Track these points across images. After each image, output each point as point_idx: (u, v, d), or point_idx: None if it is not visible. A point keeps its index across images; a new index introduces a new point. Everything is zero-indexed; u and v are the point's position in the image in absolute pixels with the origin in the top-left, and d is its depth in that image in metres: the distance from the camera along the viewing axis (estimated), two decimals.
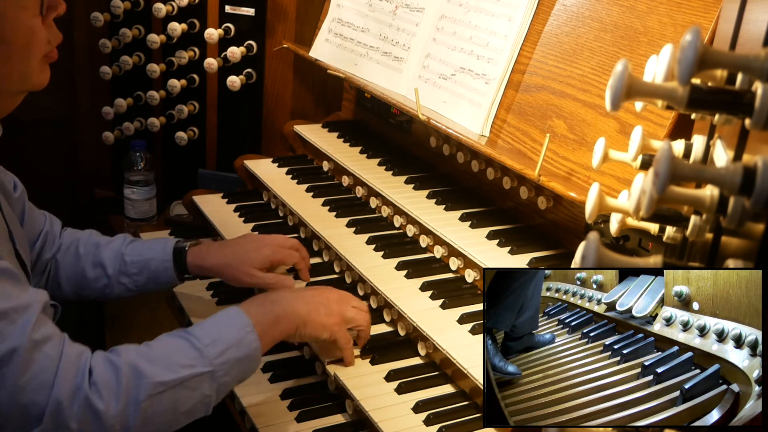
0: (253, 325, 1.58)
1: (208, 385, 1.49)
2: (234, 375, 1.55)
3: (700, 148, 1.07)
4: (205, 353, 1.50)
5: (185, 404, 1.47)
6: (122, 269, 1.96)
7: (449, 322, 1.80)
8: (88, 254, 1.97)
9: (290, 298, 1.71)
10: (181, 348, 1.50)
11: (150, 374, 1.43)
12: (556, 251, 1.92)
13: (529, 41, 2.02)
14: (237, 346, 1.54)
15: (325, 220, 2.25)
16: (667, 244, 1.11)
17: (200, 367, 1.48)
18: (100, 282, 1.97)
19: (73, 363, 1.39)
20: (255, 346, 1.57)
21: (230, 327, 1.56)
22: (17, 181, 1.86)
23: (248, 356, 1.56)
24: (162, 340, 1.54)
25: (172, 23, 2.76)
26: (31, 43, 1.49)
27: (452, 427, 1.60)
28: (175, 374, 1.45)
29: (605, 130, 1.75)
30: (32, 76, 1.53)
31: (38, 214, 1.96)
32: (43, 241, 1.95)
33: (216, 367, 1.50)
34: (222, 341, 1.53)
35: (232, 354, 1.53)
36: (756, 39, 0.82)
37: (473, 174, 2.21)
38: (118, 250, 1.97)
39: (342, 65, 2.56)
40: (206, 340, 1.51)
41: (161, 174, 2.97)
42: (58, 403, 1.34)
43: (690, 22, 1.65)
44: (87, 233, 2.03)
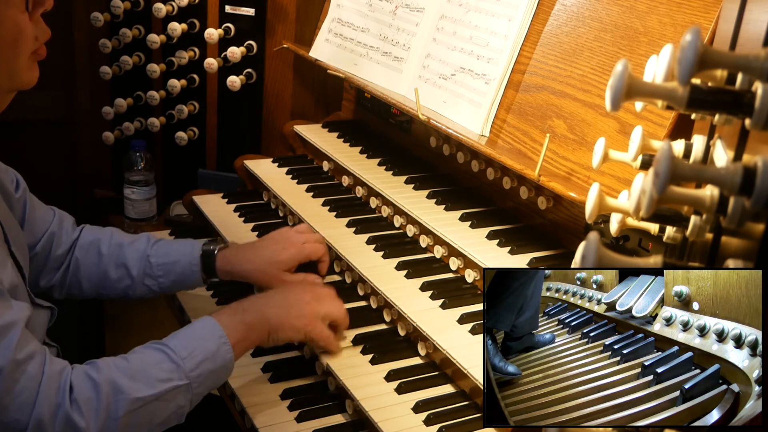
0: (227, 336, 1.61)
1: (183, 397, 1.54)
2: (207, 385, 1.60)
3: (700, 148, 1.07)
4: (182, 366, 1.54)
5: (161, 416, 1.52)
6: (147, 271, 1.95)
7: (449, 322, 1.80)
8: (111, 254, 1.95)
9: (261, 305, 1.73)
10: (159, 361, 1.53)
11: (129, 390, 1.46)
12: (556, 251, 1.92)
13: (529, 41, 2.02)
14: (212, 359, 1.58)
15: (325, 220, 2.25)
16: (667, 244, 1.11)
17: (177, 380, 1.52)
18: (123, 283, 1.96)
19: (54, 381, 1.41)
20: (229, 357, 1.62)
21: (205, 339, 1.60)
22: (19, 179, 1.85)
23: (222, 367, 1.61)
24: (140, 352, 1.57)
25: (172, 23, 2.76)
26: (18, 40, 1.46)
27: (452, 427, 1.60)
28: (153, 389, 1.49)
29: (605, 130, 1.75)
30: (20, 74, 1.50)
31: (45, 211, 1.94)
32: (49, 239, 1.93)
33: (192, 380, 1.55)
34: (198, 353, 1.57)
35: (207, 366, 1.57)
36: (756, 39, 0.82)
37: (473, 174, 2.21)
38: (143, 251, 1.96)
39: (342, 65, 2.56)
40: (183, 353, 1.55)
41: (161, 174, 2.97)
42: (40, 422, 1.38)
43: (690, 22, 1.65)
44: (108, 232, 2.01)
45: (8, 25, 1.44)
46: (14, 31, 1.45)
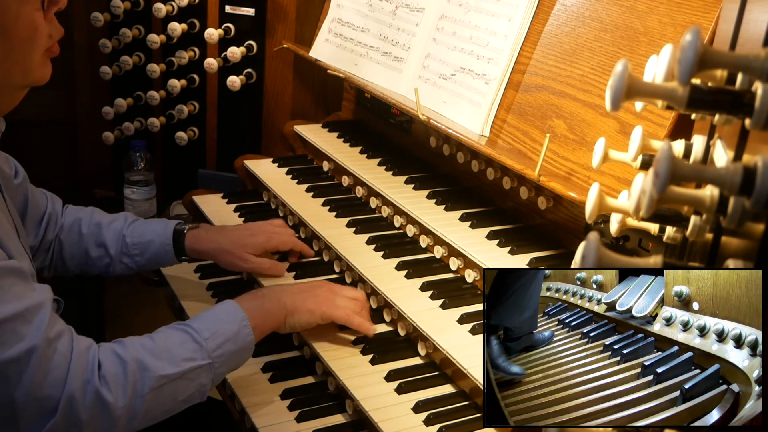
0: (248, 319, 1.67)
1: (206, 376, 1.59)
2: (229, 366, 1.66)
3: (700, 148, 1.07)
4: (204, 346, 1.59)
5: (184, 393, 1.57)
6: (124, 250, 2.03)
7: (449, 322, 1.80)
8: (91, 234, 2.02)
9: (278, 291, 1.81)
10: (183, 341, 1.59)
11: (154, 368, 1.51)
12: (556, 251, 1.92)
13: (529, 41, 2.02)
14: (233, 340, 1.64)
15: (325, 220, 2.25)
16: (667, 244, 1.11)
17: (200, 359, 1.58)
18: (103, 261, 2.04)
19: (83, 358, 1.46)
20: (249, 339, 1.67)
21: (227, 321, 1.65)
22: (18, 166, 1.89)
23: (243, 348, 1.67)
24: (164, 332, 1.62)
25: (172, 23, 2.76)
26: (33, 38, 1.49)
27: (452, 427, 1.60)
28: (177, 367, 1.54)
29: (605, 130, 1.75)
30: (34, 71, 1.53)
31: (39, 194, 2.00)
32: (47, 222, 1.99)
33: (214, 359, 1.60)
34: (220, 334, 1.62)
35: (229, 347, 1.63)
36: (756, 39, 0.82)
37: (473, 174, 2.21)
38: (119, 230, 2.03)
39: (342, 65, 2.56)
40: (205, 334, 1.61)
41: (161, 174, 2.97)
42: (71, 397, 1.42)
43: (690, 22, 1.65)
44: (89, 211, 2.07)
45: (24, 23, 1.47)
46: (29, 29, 1.48)
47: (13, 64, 1.48)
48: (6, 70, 1.48)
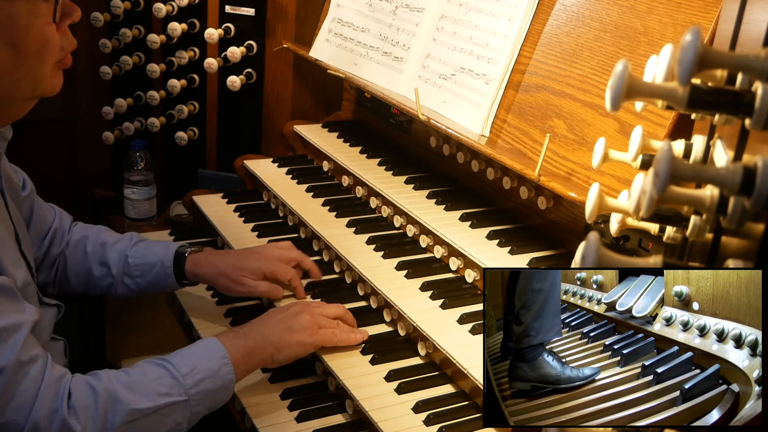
0: (229, 357, 1.63)
1: (181, 413, 1.56)
2: (206, 405, 1.61)
3: (700, 148, 1.07)
4: (181, 382, 1.56)
5: (158, 430, 1.53)
6: (126, 271, 1.98)
7: (449, 322, 1.80)
8: (95, 253, 1.99)
9: (261, 328, 1.74)
10: (159, 376, 1.56)
11: (127, 401, 1.48)
12: (556, 251, 1.92)
13: (529, 41, 2.02)
14: (213, 378, 1.60)
15: (325, 220, 2.25)
16: (667, 244, 1.11)
17: (176, 395, 1.54)
18: (106, 281, 2.00)
19: (53, 386, 1.43)
20: (229, 378, 1.63)
21: (207, 358, 1.62)
22: (26, 179, 1.87)
23: (222, 387, 1.62)
24: (141, 366, 1.59)
25: (172, 23, 2.76)
26: (44, 50, 1.47)
27: (452, 427, 1.60)
28: (151, 402, 1.51)
29: (605, 130, 1.75)
30: (44, 82, 1.51)
31: (47, 209, 1.98)
32: (51, 237, 1.97)
33: (191, 397, 1.56)
34: (199, 371, 1.59)
35: (207, 385, 1.59)
36: (756, 39, 0.82)
37: (473, 174, 2.21)
38: (123, 250, 1.99)
39: (342, 65, 2.56)
40: (184, 370, 1.57)
41: (161, 174, 2.97)
42: (36, 425, 1.39)
43: (690, 22, 1.65)
44: (96, 230, 2.04)
45: (35, 35, 1.45)
46: (41, 42, 1.46)
47: (23, 76, 1.47)
48: (16, 81, 1.46)
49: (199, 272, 1.98)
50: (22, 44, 1.44)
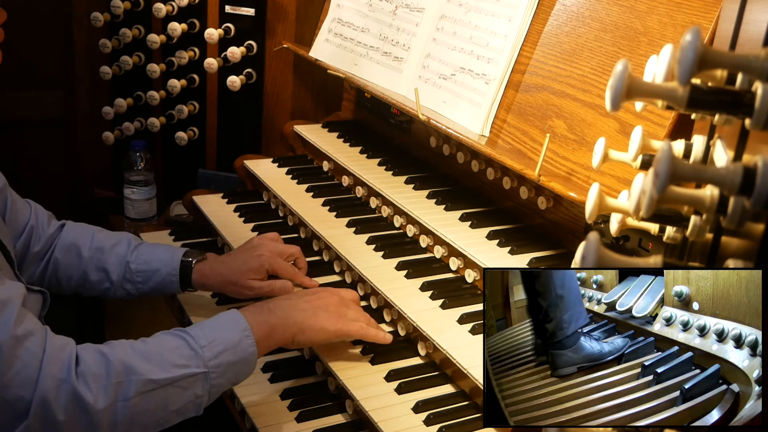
0: (251, 330, 1.58)
1: (201, 386, 1.50)
2: (227, 378, 1.56)
3: (700, 148, 1.07)
4: (200, 354, 1.51)
5: (176, 403, 1.47)
6: (127, 276, 1.95)
7: (449, 322, 1.80)
8: (92, 258, 1.95)
9: (287, 307, 1.70)
10: (177, 347, 1.50)
11: (142, 371, 1.43)
12: (556, 251, 1.92)
13: (529, 41, 2.02)
14: (233, 350, 1.55)
15: (325, 220, 2.25)
16: (667, 244, 1.11)
17: (194, 367, 1.49)
18: (103, 285, 1.96)
19: (56, 357, 1.37)
20: (251, 351, 1.58)
21: (228, 330, 1.57)
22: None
23: (243, 360, 1.57)
24: (159, 337, 1.54)
25: (172, 23, 2.76)
26: None
27: (452, 427, 1.60)
28: (167, 373, 1.46)
29: (605, 130, 1.75)
30: None
31: (22, 205, 1.93)
32: (29, 233, 1.92)
33: (210, 369, 1.51)
34: (218, 343, 1.53)
35: (227, 357, 1.53)
36: (756, 39, 0.82)
37: (473, 174, 2.21)
38: (123, 256, 1.95)
39: (342, 65, 2.56)
40: (203, 341, 1.52)
41: (161, 174, 2.97)
42: (44, 399, 1.34)
43: (690, 22, 1.65)
44: (90, 233, 2.00)
45: None
46: None
47: None
48: None
49: (207, 282, 1.96)
50: None
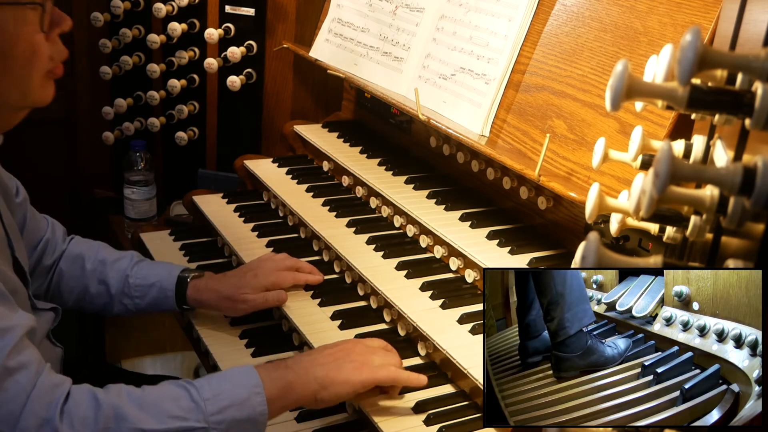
0: (262, 387, 1.47)
1: None
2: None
3: (700, 148, 1.07)
4: (201, 407, 1.41)
5: None
6: (125, 290, 1.95)
7: (449, 322, 1.80)
8: (94, 270, 1.95)
9: (306, 362, 1.58)
10: (177, 397, 1.42)
11: (133, 419, 1.35)
12: (556, 251, 1.92)
13: (529, 41, 2.02)
14: (240, 406, 1.44)
15: (325, 220, 2.25)
16: (667, 244, 1.11)
17: (193, 421, 1.39)
18: (102, 299, 1.96)
19: (45, 395, 1.32)
20: (261, 410, 1.46)
21: (237, 385, 1.47)
22: (20, 186, 1.85)
23: (251, 419, 1.45)
24: (161, 386, 1.47)
25: (172, 23, 2.76)
26: (32, 60, 1.44)
27: (452, 427, 1.60)
28: (162, 424, 1.37)
29: (605, 130, 1.75)
30: (33, 93, 1.48)
31: (40, 218, 1.95)
32: (43, 247, 1.93)
33: (211, 425, 1.40)
34: (224, 397, 1.44)
35: (232, 413, 1.43)
36: (756, 39, 0.82)
37: (473, 174, 2.21)
38: (124, 270, 1.95)
39: (342, 65, 2.56)
40: (207, 394, 1.43)
41: (161, 174, 2.97)
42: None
43: (690, 22, 1.65)
44: (95, 247, 2.00)
45: (23, 45, 1.42)
46: (29, 51, 1.43)
47: (10, 86, 1.44)
48: (3, 91, 1.43)
49: (201, 298, 1.94)
50: (8, 53, 1.40)
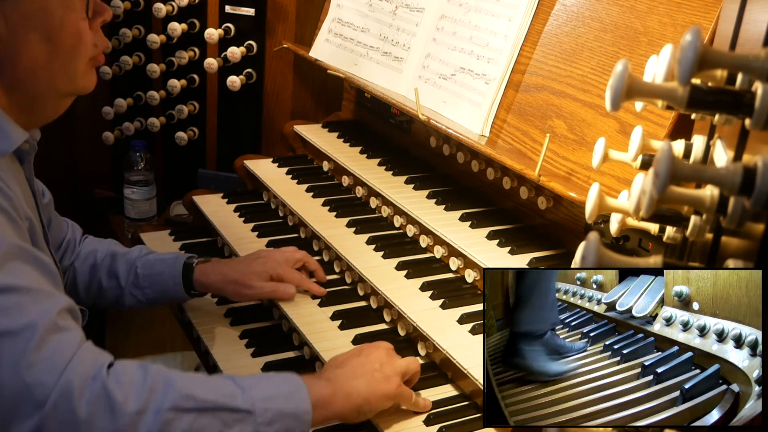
0: (307, 389, 1.44)
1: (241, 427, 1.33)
2: (276, 429, 1.36)
3: (700, 148, 1.07)
4: (247, 393, 1.36)
5: None
6: (134, 281, 1.97)
7: (449, 322, 1.80)
8: (104, 265, 1.98)
9: (346, 375, 1.53)
10: (223, 381, 1.39)
11: (182, 386, 1.31)
12: (556, 251, 1.92)
13: (529, 41, 2.02)
14: (286, 398, 1.40)
15: (325, 220, 2.25)
16: (667, 244, 1.12)
17: (240, 401, 1.34)
18: (114, 292, 1.98)
19: (91, 355, 1.28)
20: (305, 407, 1.41)
21: (280, 382, 1.44)
22: (45, 189, 1.88)
23: (296, 414, 1.39)
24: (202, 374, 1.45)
25: (172, 23, 2.76)
26: (78, 46, 1.49)
27: (452, 427, 1.60)
28: (210, 395, 1.32)
29: (605, 130, 1.75)
30: (78, 79, 1.53)
31: (61, 221, 1.99)
32: (65, 248, 1.97)
33: (257, 410, 1.35)
34: (270, 388, 1.40)
35: (278, 404, 1.38)
36: (756, 39, 0.82)
37: (473, 174, 2.21)
38: (132, 261, 1.98)
39: (342, 65, 2.56)
40: (250, 383, 1.39)
41: (161, 174, 2.97)
42: (67, 388, 1.22)
43: (690, 22, 1.65)
44: (106, 243, 2.04)
45: (69, 30, 1.47)
46: (75, 37, 1.48)
47: (59, 71, 1.48)
48: (51, 75, 1.48)
49: (207, 281, 1.97)
50: (57, 38, 1.45)
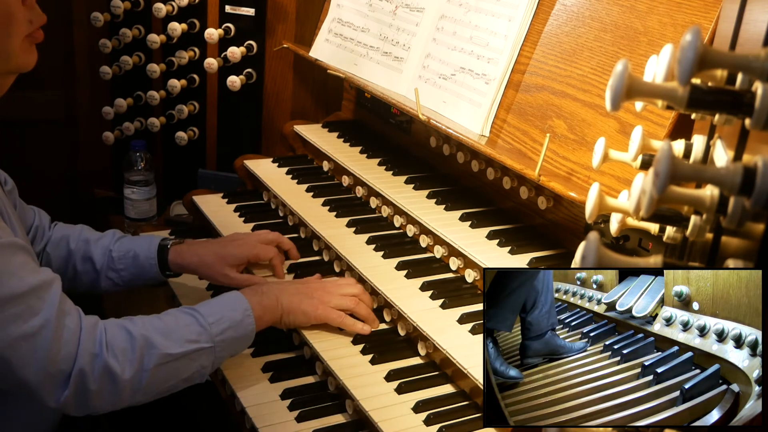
0: (252, 310, 1.76)
1: (207, 358, 1.69)
2: (229, 351, 1.75)
3: (700, 148, 1.07)
4: (208, 330, 1.69)
5: (185, 372, 1.66)
6: (110, 264, 2.02)
7: (449, 322, 1.80)
8: (79, 249, 2.03)
9: (276, 290, 1.87)
10: (188, 323, 1.68)
11: (161, 346, 1.61)
12: (556, 251, 1.92)
13: (529, 41, 2.02)
14: (236, 327, 1.73)
15: (325, 220, 2.25)
16: (667, 244, 1.11)
17: (203, 342, 1.67)
18: (89, 276, 2.03)
19: (91, 333, 1.55)
20: (251, 329, 1.76)
21: (232, 309, 1.75)
22: (7, 177, 1.90)
23: (244, 336, 1.76)
24: (172, 314, 1.71)
25: (172, 23, 2.76)
26: (9, 24, 1.51)
27: (452, 427, 1.60)
28: (181, 348, 1.64)
29: (605, 130, 1.75)
30: (15, 57, 1.55)
31: (27, 208, 2.01)
32: (33, 234, 2.00)
33: (216, 344, 1.69)
34: (224, 321, 1.72)
35: (231, 333, 1.72)
36: (756, 39, 0.82)
37: (473, 174, 2.21)
38: (106, 246, 2.03)
39: (342, 65, 2.56)
40: (210, 319, 1.70)
41: (161, 174, 2.97)
42: (81, 371, 1.52)
43: (690, 22, 1.65)
44: (78, 229, 2.07)
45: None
46: (5, 15, 1.51)
47: None
48: None
49: (183, 262, 2.04)
50: None
